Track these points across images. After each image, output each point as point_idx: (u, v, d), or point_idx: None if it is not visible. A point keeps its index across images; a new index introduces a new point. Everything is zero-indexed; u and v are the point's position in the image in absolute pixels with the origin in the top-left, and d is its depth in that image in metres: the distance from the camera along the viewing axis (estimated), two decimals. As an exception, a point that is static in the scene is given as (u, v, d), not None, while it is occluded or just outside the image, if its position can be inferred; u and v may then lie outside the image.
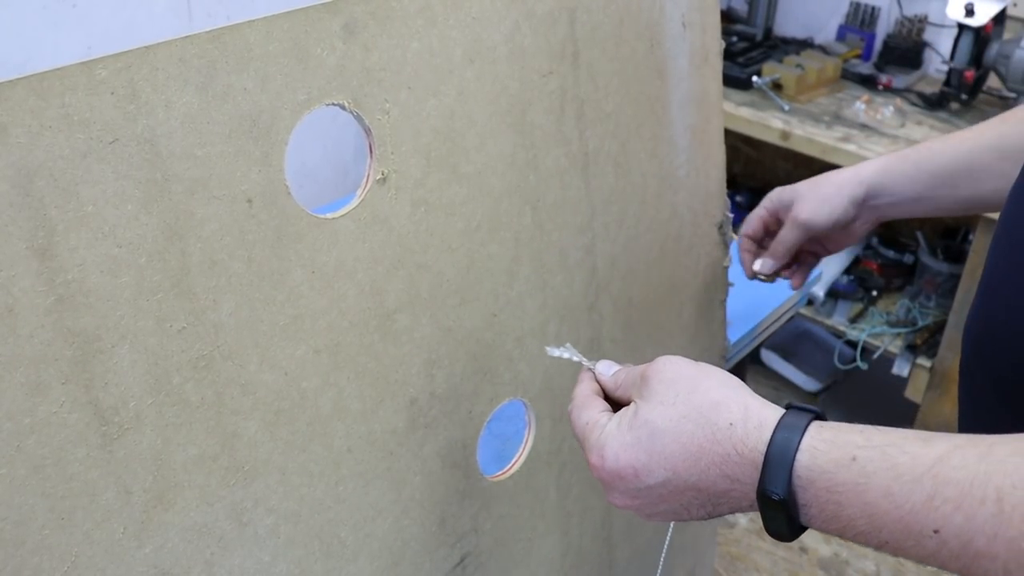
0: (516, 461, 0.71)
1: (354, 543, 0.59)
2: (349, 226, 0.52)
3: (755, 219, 0.89)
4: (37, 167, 0.39)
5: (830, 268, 2.03)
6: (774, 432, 0.47)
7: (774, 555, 1.71)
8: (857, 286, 2.04)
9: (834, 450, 0.45)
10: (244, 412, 0.50)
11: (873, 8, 2.10)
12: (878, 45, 2.10)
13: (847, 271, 2.07)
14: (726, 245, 0.89)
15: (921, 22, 2.03)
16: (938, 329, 1.86)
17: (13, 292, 0.40)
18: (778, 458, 0.46)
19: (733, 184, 1.66)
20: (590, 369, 0.59)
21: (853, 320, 1.97)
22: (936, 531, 0.42)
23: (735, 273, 0.93)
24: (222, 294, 0.47)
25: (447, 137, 0.56)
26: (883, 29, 2.10)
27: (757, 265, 0.89)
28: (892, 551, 0.44)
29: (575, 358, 0.62)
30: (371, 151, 0.53)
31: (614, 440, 0.51)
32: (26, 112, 0.38)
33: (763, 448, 0.46)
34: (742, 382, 0.52)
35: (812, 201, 0.83)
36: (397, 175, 0.54)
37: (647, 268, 0.78)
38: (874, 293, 2.03)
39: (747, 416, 0.48)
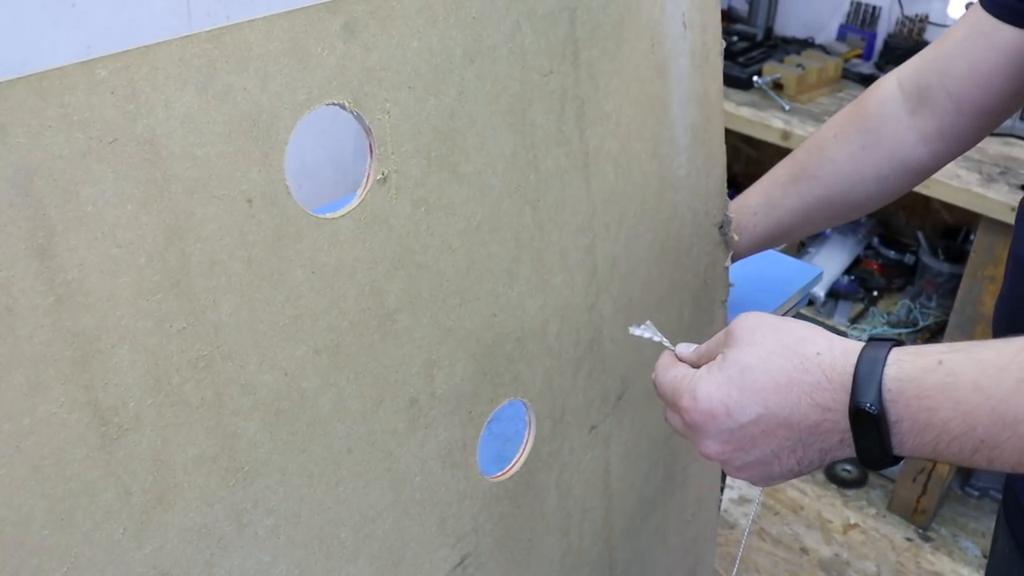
0: (516, 462, 0.71)
1: (354, 544, 0.59)
2: (349, 226, 0.52)
3: None
4: (37, 167, 0.39)
5: (831, 268, 2.03)
6: (860, 355, 0.48)
7: (774, 556, 1.71)
8: (858, 286, 2.04)
9: (920, 359, 0.47)
10: (244, 412, 0.50)
11: (874, 8, 2.10)
12: (879, 45, 2.10)
13: (848, 271, 2.07)
14: (726, 245, 0.89)
15: (922, 21, 2.03)
16: (939, 329, 1.86)
17: (12, 292, 0.40)
18: (867, 373, 0.47)
19: (734, 184, 1.66)
20: (671, 350, 0.61)
21: (854, 320, 1.97)
22: None
23: (735, 273, 0.93)
24: (222, 294, 0.47)
25: (447, 137, 0.56)
26: (884, 29, 2.10)
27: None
28: (989, 455, 0.45)
29: (656, 338, 0.62)
30: (371, 151, 0.53)
31: (705, 381, 0.53)
32: (25, 112, 0.38)
33: (851, 370, 0.48)
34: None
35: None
36: (397, 175, 0.54)
37: (647, 268, 0.78)
38: (875, 293, 2.03)
39: (832, 346, 0.50)
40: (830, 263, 2.04)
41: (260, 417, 0.51)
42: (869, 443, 0.48)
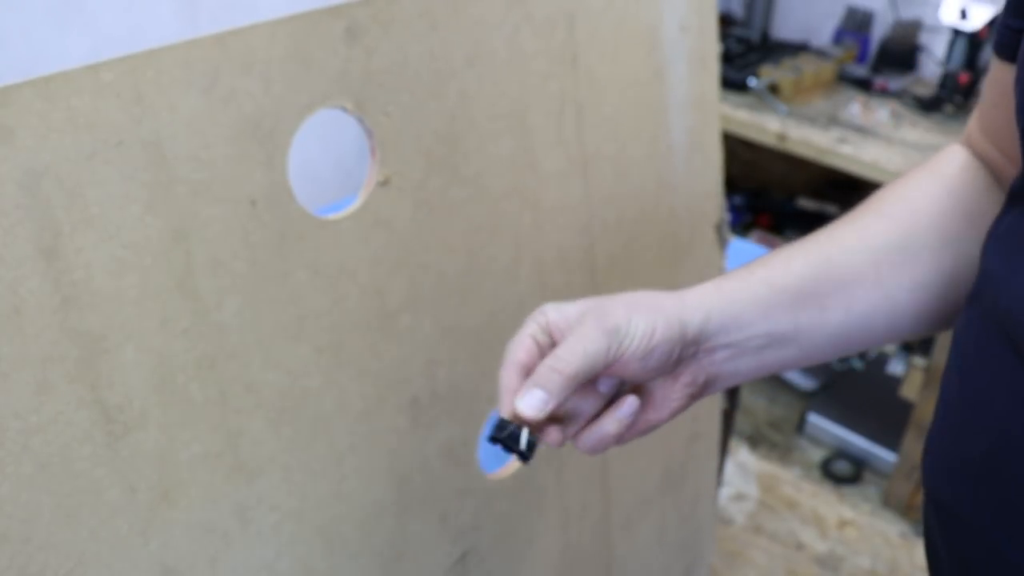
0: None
1: (356, 540, 0.60)
2: (351, 227, 0.53)
3: (525, 340, 0.52)
4: (44, 169, 0.40)
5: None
6: None
7: (771, 552, 1.72)
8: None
9: None
10: (248, 411, 0.51)
11: (869, 12, 2.11)
12: (873, 48, 2.11)
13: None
14: (723, 246, 0.90)
15: (916, 26, 2.04)
16: (934, 329, 1.87)
17: (20, 292, 0.40)
18: None
19: (730, 186, 1.66)
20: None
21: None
22: None
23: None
24: (226, 294, 0.48)
25: (448, 139, 0.57)
26: (878, 32, 2.11)
27: (523, 402, 0.47)
28: None
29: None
30: (373, 153, 0.53)
31: None
32: (33, 115, 0.39)
33: None
34: None
35: (622, 309, 0.53)
36: (399, 177, 0.55)
37: (645, 269, 0.79)
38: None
39: None
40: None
41: (264, 415, 0.51)
42: None
